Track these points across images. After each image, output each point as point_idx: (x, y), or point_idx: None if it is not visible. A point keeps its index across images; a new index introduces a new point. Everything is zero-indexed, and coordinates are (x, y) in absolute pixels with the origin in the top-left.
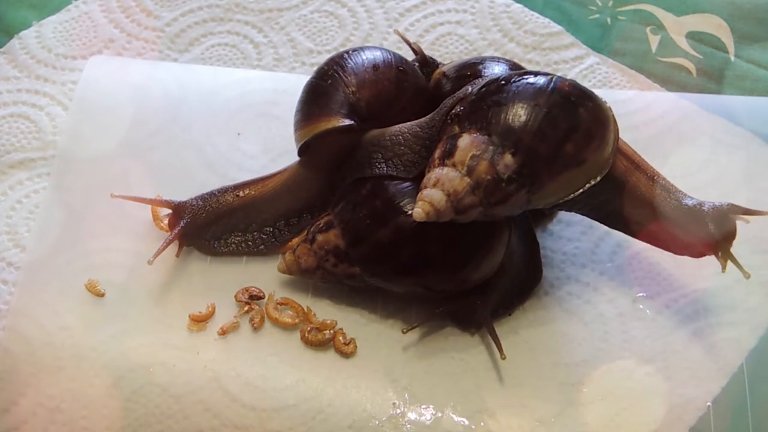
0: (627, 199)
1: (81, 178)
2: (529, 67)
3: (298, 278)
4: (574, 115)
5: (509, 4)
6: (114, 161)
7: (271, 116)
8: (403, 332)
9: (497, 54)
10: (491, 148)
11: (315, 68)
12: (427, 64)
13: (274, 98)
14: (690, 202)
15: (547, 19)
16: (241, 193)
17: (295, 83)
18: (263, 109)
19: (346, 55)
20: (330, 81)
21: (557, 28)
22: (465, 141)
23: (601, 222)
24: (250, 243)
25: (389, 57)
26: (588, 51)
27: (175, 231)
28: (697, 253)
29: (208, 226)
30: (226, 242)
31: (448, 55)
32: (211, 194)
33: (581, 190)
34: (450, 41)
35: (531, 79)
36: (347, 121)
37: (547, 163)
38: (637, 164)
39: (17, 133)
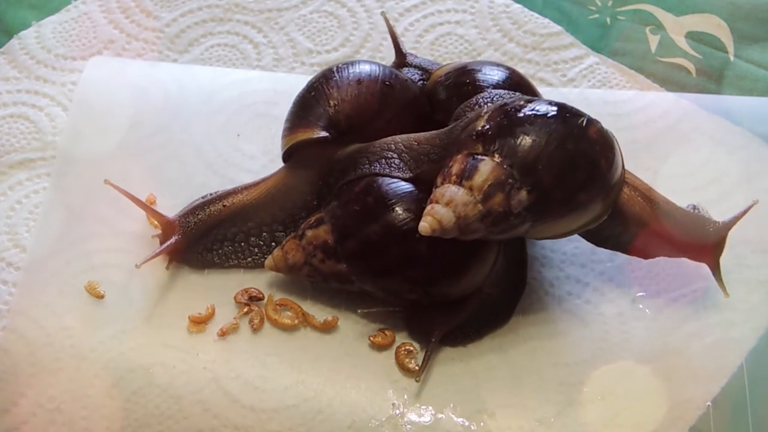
0: (626, 225)
1: (81, 178)
2: (528, 68)
3: (286, 276)
4: (596, 166)
5: (509, 4)
6: (114, 162)
7: (270, 116)
8: (359, 312)
9: (497, 54)
10: (510, 181)
11: (314, 68)
12: (404, 63)
13: (274, 98)
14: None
15: (546, 19)
16: (227, 203)
17: (294, 83)
18: (263, 110)
19: (335, 69)
20: (314, 93)
21: (557, 28)
22: (487, 167)
23: (594, 243)
24: (239, 254)
25: (376, 72)
26: (587, 51)
27: (164, 246)
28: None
29: (199, 240)
30: (218, 253)
31: (447, 55)
32: (199, 206)
33: (576, 233)
34: (449, 41)
35: (564, 115)
36: (323, 134)
37: (558, 206)
38: (634, 186)
39: (17, 134)
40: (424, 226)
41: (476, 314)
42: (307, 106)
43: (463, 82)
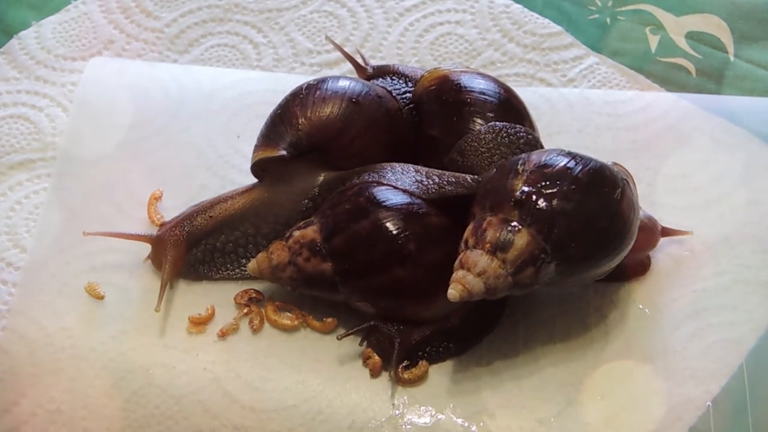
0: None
1: (81, 179)
2: (528, 68)
3: (269, 281)
4: (622, 239)
5: (509, 5)
6: (114, 162)
7: None
8: (338, 338)
9: (497, 54)
10: (543, 256)
11: (314, 69)
12: (371, 76)
13: (274, 99)
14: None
15: (546, 20)
16: (212, 214)
17: (294, 84)
18: (263, 110)
19: (304, 86)
20: (280, 111)
21: (557, 28)
22: (522, 241)
23: None
24: (228, 265)
25: (344, 89)
26: (587, 51)
27: (166, 269)
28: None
29: (189, 251)
30: (208, 265)
31: (447, 54)
32: (185, 218)
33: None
34: (449, 41)
35: (602, 189)
36: (282, 152)
37: (580, 273)
38: None
39: (17, 134)
40: (454, 294)
41: (431, 339)
42: (271, 125)
43: (464, 100)
